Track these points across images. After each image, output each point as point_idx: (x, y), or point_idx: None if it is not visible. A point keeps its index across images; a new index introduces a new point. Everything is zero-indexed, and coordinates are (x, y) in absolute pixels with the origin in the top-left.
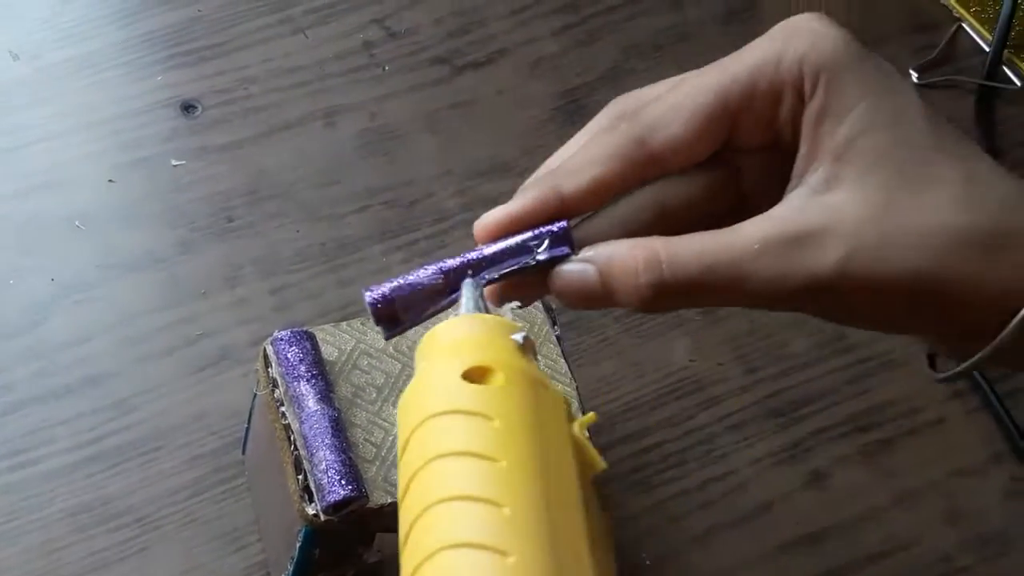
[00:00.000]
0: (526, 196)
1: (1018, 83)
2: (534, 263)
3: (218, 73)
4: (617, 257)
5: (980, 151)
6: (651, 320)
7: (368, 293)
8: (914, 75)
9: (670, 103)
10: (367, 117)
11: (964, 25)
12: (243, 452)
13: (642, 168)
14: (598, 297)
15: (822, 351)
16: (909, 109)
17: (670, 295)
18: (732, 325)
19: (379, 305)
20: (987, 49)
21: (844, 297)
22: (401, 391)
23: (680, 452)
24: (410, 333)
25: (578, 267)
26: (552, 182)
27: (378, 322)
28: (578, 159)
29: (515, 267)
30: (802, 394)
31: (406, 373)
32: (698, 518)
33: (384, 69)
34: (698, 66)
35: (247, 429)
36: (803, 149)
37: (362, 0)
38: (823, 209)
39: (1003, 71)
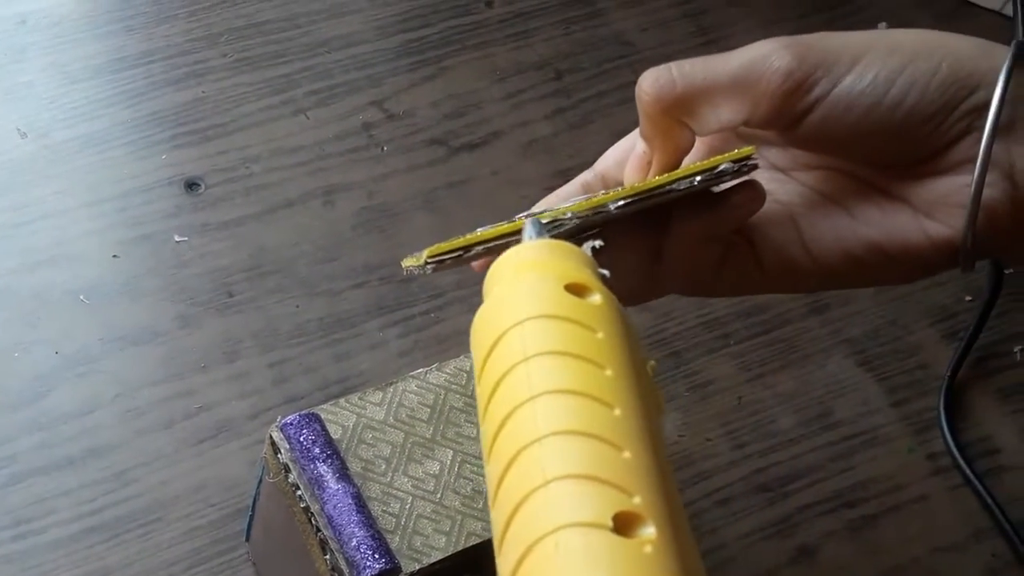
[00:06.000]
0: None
1: None
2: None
3: (221, 152)
4: None
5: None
6: None
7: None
8: None
9: None
10: (365, 196)
11: None
12: (247, 539)
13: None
14: None
15: (808, 428)
16: None
17: None
18: (720, 401)
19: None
20: None
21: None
22: (409, 458)
23: None
24: (405, 399)
25: None
26: None
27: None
28: None
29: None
30: (789, 470)
31: (411, 441)
32: None
33: (382, 149)
34: None
35: (251, 516)
36: None
37: (362, 83)
38: None
39: None
